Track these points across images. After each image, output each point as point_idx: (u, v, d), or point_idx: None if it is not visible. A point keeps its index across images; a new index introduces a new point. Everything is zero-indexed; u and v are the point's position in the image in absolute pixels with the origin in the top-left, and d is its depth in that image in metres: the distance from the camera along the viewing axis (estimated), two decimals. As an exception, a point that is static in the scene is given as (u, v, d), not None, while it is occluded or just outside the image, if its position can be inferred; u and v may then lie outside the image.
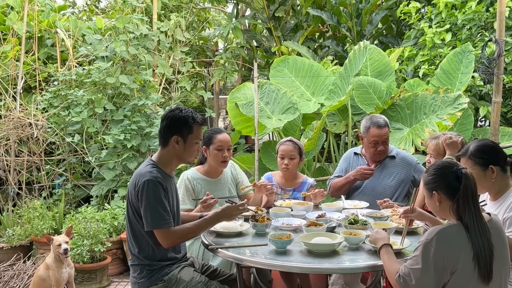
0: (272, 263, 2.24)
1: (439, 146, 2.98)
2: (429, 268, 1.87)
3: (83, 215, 4.36)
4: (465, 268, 1.88)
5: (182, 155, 2.55)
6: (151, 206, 2.38)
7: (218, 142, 3.12)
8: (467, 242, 1.89)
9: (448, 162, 2.10)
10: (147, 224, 2.40)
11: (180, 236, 2.46)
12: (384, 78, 4.98)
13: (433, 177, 2.05)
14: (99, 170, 5.04)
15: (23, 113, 5.20)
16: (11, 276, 4.10)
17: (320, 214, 2.86)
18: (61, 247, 3.39)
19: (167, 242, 2.43)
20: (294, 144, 3.37)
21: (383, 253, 2.11)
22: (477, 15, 5.00)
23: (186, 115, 2.51)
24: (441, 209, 2.04)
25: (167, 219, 2.41)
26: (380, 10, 6.72)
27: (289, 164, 3.35)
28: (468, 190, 1.95)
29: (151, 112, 5.35)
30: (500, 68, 4.07)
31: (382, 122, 3.37)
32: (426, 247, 1.89)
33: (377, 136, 3.34)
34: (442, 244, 1.88)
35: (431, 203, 2.07)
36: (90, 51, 5.59)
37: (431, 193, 2.05)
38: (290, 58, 5.52)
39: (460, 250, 1.88)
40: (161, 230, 2.40)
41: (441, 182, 2.02)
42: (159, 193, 2.40)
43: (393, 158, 3.45)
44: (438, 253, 1.87)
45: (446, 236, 1.90)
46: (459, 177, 1.96)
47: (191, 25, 7.52)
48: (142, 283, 2.49)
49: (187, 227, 2.49)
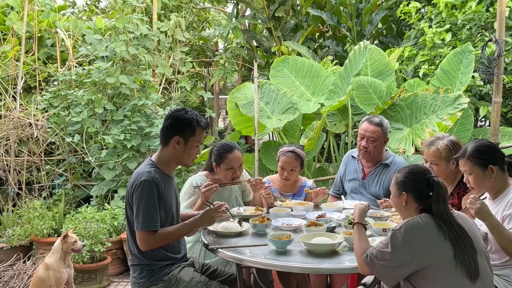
0: (272, 263, 2.24)
1: (440, 151, 2.82)
2: (397, 253, 1.94)
3: (83, 215, 4.36)
4: (444, 265, 1.92)
5: (181, 156, 2.53)
6: (144, 206, 2.37)
7: (228, 162, 3.05)
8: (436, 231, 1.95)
9: (422, 168, 2.18)
10: (137, 224, 2.39)
11: (159, 239, 2.42)
12: (384, 78, 4.98)
13: (405, 180, 2.13)
14: (99, 170, 5.04)
15: (23, 113, 5.20)
16: (11, 276, 4.10)
17: (320, 214, 2.86)
18: (77, 243, 3.39)
19: (146, 245, 2.40)
20: (296, 156, 3.28)
21: (355, 230, 2.21)
22: (477, 15, 5.00)
23: (191, 117, 2.49)
24: (406, 208, 2.12)
25: (157, 222, 2.39)
26: (380, 10, 6.72)
27: (289, 176, 3.30)
28: (440, 197, 2.03)
29: (151, 112, 5.35)
30: (500, 68, 4.07)
31: (376, 120, 3.33)
32: (395, 234, 1.96)
33: (364, 130, 3.30)
34: (410, 232, 1.95)
35: (397, 201, 2.16)
36: (90, 51, 5.59)
37: (400, 193, 2.13)
38: (290, 58, 5.52)
39: (429, 238, 1.95)
40: (146, 232, 2.37)
41: (412, 186, 2.10)
42: (153, 194, 2.39)
43: (387, 166, 3.35)
44: (405, 240, 1.94)
45: (414, 225, 1.97)
46: (430, 185, 2.05)
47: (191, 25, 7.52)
48: (142, 283, 2.49)
49: (168, 231, 2.45)
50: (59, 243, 3.45)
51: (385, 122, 3.37)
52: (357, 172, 3.46)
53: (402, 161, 3.43)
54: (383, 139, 3.33)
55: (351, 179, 3.48)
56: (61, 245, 3.43)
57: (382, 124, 3.31)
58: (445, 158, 2.81)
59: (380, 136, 3.29)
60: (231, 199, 3.20)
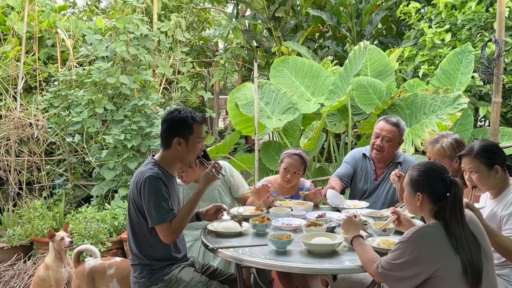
0: (272, 263, 2.24)
1: (444, 149, 2.82)
2: (408, 265, 1.89)
3: (83, 215, 4.37)
4: (451, 273, 1.89)
5: (184, 156, 2.53)
6: (154, 201, 2.38)
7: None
8: (447, 242, 1.89)
9: (438, 166, 2.07)
10: (152, 220, 2.39)
11: (177, 227, 2.42)
12: (384, 78, 4.98)
13: (420, 179, 2.03)
14: (100, 170, 5.05)
15: (23, 113, 5.21)
16: (11, 276, 4.11)
17: (320, 214, 2.86)
18: (64, 240, 3.37)
19: (170, 237, 2.41)
20: (302, 160, 3.27)
21: (356, 244, 2.16)
22: (477, 15, 5.01)
23: (185, 115, 2.48)
24: (420, 209, 2.04)
25: (169, 212, 2.40)
26: (380, 10, 6.73)
27: (292, 178, 3.30)
28: (456, 198, 1.95)
29: (151, 112, 5.35)
30: (500, 68, 4.07)
31: (393, 120, 3.30)
32: (404, 245, 1.91)
33: (380, 128, 3.28)
34: (420, 242, 1.90)
35: (411, 201, 2.07)
36: (90, 51, 5.59)
37: (415, 193, 2.04)
38: (290, 58, 5.52)
39: (439, 250, 1.90)
40: (165, 225, 2.38)
41: (428, 186, 2.01)
42: (161, 188, 2.39)
43: (400, 164, 3.32)
44: (416, 251, 1.88)
45: (424, 235, 1.92)
46: (447, 185, 1.96)
47: (191, 25, 7.53)
48: (143, 282, 2.49)
49: (179, 217, 2.45)
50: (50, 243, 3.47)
51: (402, 123, 3.34)
52: (369, 173, 3.43)
53: (413, 159, 3.44)
54: (399, 140, 3.31)
55: (362, 179, 3.45)
56: (52, 244, 3.44)
57: (399, 124, 3.30)
58: (449, 157, 2.80)
59: (396, 136, 3.28)
60: (213, 195, 3.16)
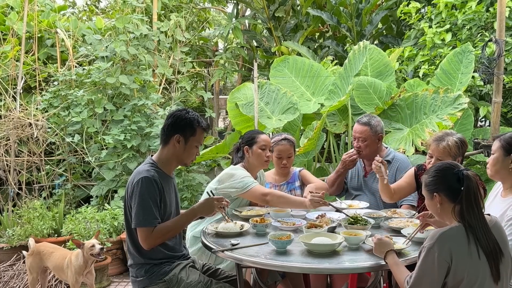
0: (272, 263, 2.23)
1: (450, 147, 2.80)
2: (435, 273, 1.88)
3: (83, 215, 4.36)
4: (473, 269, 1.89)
5: (181, 155, 2.55)
6: (143, 203, 2.38)
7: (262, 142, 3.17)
8: (469, 243, 1.89)
9: (449, 163, 2.07)
10: (136, 220, 2.38)
11: (160, 235, 2.42)
12: (384, 78, 4.98)
13: (434, 179, 2.03)
14: (99, 170, 5.04)
15: (23, 113, 5.21)
16: (11, 276, 4.11)
17: (320, 214, 2.86)
18: (95, 247, 3.31)
19: (148, 242, 2.40)
20: (290, 142, 3.36)
21: (389, 261, 2.11)
22: (477, 15, 5.00)
23: (192, 117, 2.54)
24: (442, 211, 2.03)
25: (156, 218, 2.40)
26: (380, 10, 6.72)
27: (287, 163, 3.38)
28: (471, 191, 1.94)
29: (151, 112, 5.35)
30: (500, 68, 4.07)
31: (364, 119, 3.33)
32: (429, 252, 1.89)
33: (354, 130, 3.35)
34: (444, 247, 1.88)
35: (432, 205, 2.06)
36: (90, 51, 5.59)
37: (432, 195, 2.03)
38: (290, 58, 5.51)
39: (463, 252, 1.88)
40: (145, 229, 2.38)
41: (442, 184, 2.00)
42: (152, 191, 2.40)
43: (389, 163, 3.31)
44: (441, 256, 1.87)
45: (448, 238, 1.90)
46: (460, 179, 1.95)
47: (191, 25, 7.52)
48: (142, 282, 2.49)
49: (166, 225, 2.46)
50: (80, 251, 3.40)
51: (375, 120, 3.34)
52: (358, 170, 3.50)
53: (404, 157, 3.43)
54: (374, 137, 3.31)
55: (352, 177, 3.52)
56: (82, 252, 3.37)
57: (370, 123, 3.30)
58: (453, 155, 2.80)
59: (369, 135, 3.29)
60: None
